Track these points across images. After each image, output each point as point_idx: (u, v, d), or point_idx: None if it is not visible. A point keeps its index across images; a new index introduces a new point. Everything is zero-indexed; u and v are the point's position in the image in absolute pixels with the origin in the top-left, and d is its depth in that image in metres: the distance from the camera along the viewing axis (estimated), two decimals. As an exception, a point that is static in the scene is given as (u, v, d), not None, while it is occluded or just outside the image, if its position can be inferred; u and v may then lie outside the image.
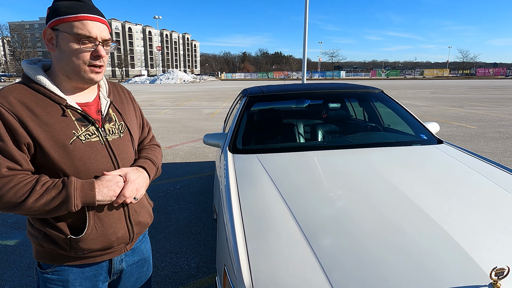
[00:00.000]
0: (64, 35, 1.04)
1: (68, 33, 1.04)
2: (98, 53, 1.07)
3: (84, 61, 1.07)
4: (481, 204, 1.53)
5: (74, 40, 1.04)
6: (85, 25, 1.04)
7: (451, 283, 1.08)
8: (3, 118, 1.00)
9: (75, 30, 1.03)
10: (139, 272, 1.36)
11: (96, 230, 1.12)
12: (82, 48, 1.05)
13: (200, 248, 3.02)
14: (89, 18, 1.05)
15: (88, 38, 1.05)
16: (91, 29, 1.05)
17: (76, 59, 1.06)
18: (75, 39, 1.04)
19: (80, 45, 1.05)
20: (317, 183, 1.78)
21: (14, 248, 3.09)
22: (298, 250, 1.28)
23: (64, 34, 1.04)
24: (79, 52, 1.05)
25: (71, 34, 1.04)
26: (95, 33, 1.06)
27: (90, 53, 1.07)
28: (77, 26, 1.04)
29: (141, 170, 1.22)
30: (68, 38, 1.04)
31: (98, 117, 1.17)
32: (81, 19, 1.04)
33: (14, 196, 0.98)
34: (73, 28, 1.03)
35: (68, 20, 1.03)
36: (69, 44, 1.04)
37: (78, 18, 1.04)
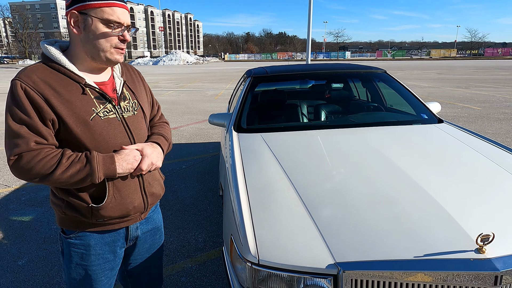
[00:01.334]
0: (94, 19, 1.11)
1: (99, 17, 1.11)
2: (125, 38, 1.16)
3: (111, 44, 1.15)
4: (473, 178, 1.61)
5: (105, 24, 1.12)
6: (115, 11, 1.12)
7: (440, 249, 1.17)
8: (29, 96, 1.08)
9: (106, 16, 1.11)
10: (152, 239, 1.47)
11: (115, 200, 1.21)
12: (112, 32, 1.13)
13: (207, 224, 3.15)
14: (118, 5, 1.13)
15: (117, 24, 1.13)
16: (120, 15, 1.13)
17: (105, 42, 1.14)
18: (105, 23, 1.12)
19: (111, 30, 1.13)
20: (318, 159, 1.86)
21: (29, 224, 3.24)
22: (299, 220, 1.37)
23: (94, 18, 1.11)
24: (108, 35, 1.13)
25: (102, 19, 1.11)
26: (123, 19, 1.14)
27: (117, 37, 1.15)
28: (107, 12, 1.11)
29: (156, 145, 1.30)
30: (98, 22, 1.11)
31: (114, 95, 1.25)
32: (111, 5, 1.11)
33: (43, 168, 1.07)
34: (104, 13, 1.11)
35: (100, 6, 1.10)
36: (99, 28, 1.12)
37: (108, 5, 1.11)
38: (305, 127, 2.47)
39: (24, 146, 1.07)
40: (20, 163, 1.07)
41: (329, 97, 3.08)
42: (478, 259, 1.11)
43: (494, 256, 1.12)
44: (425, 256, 1.14)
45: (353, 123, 2.50)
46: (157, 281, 1.58)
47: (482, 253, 1.12)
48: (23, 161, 1.07)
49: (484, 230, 1.23)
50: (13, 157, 1.08)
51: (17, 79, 1.10)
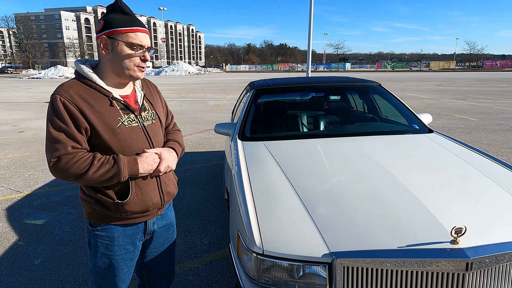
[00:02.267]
0: (120, 43, 1.33)
1: (125, 41, 1.32)
2: (146, 58, 1.38)
3: (134, 63, 1.36)
4: (455, 181, 1.80)
5: (129, 47, 1.33)
6: (138, 36, 1.34)
7: (420, 240, 1.35)
8: (67, 108, 1.28)
9: (130, 40, 1.33)
10: (166, 234, 1.65)
11: (137, 196, 1.40)
12: (135, 54, 1.35)
13: (211, 227, 3.32)
14: (141, 30, 1.35)
15: (140, 46, 1.35)
16: (142, 39, 1.35)
17: (129, 62, 1.35)
18: (129, 46, 1.33)
19: (134, 51, 1.34)
20: (316, 164, 2.05)
21: (43, 227, 3.41)
22: (298, 216, 1.56)
23: (120, 42, 1.32)
24: (132, 56, 1.34)
25: (127, 42, 1.32)
26: (145, 42, 1.36)
27: (139, 58, 1.36)
28: (132, 36, 1.33)
29: (171, 150, 1.50)
30: (123, 45, 1.33)
31: (136, 106, 1.45)
32: (135, 31, 1.34)
33: (78, 168, 1.27)
34: (129, 38, 1.33)
35: (126, 32, 1.32)
36: (124, 50, 1.33)
37: (133, 31, 1.33)
38: (305, 136, 2.67)
39: (62, 150, 1.27)
40: (59, 164, 1.27)
41: (327, 108, 3.28)
42: (452, 248, 1.29)
43: (466, 246, 1.30)
44: (408, 246, 1.32)
45: (350, 133, 2.69)
46: (170, 272, 1.75)
47: (456, 243, 1.30)
48: (62, 163, 1.26)
49: (458, 224, 1.41)
50: (53, 159, 1.27)
51: (57, 93, 1.31)
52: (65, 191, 4.42)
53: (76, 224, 3.46)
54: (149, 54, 1.42)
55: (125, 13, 1.36)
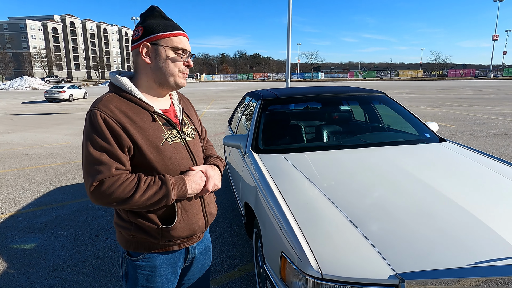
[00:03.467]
0: (164, 48, 1.22)
1: (169, 46, 1.22)
2: (190, 63, 1.28)
3: (179, 69, 1.26)
4: (492, 190, 1.79)
5: (174, 52, 1.23)
6: (182, 40, 1.25)
7: (485, 256, 1.30)
8: (108, 125, 1.14)
9: (175, 44, 1.23)
10: (204, 258, 1.51)
11: (183, 220, 1.27)
12: (179, 58, 1.24)
13: (219, 245, 3.17)
14: (183, 34, 1.26)
15: (184, 51, 1.25)
16: (185, 44, 1.26)
17: (174, 67, 1.24)
18: (174, 51, 1.23)
19: (180, 57, 1.24)
20: (348, 177, 1.98)
21: (34, 252, 3.12)
22: (350, 235, 1.47)
23: (165, 47, 1.22)
24: (177, 61, 1.24)
25: (171, 47, 1.22)
26: (188, 46, 1.27)
27: (183, 63, 1.26)
28: (176, 41, 1.23)
29: (215, 167, 1.38)
30: (169, 50, 1.22)
31: (176, 121, 1.33)
32: (179, 35, 1.24)
33: (123, 192, 1.12)
34: (174, 42, 1.22)
35: (169, 36, 1.22)
36: (170, 55, 1.23)
37: (176, 35, 1.23)
38: (323, 147, 2.60)
39: (106, 172, 1.12)
40: (102, 188, 1.12)
41: (338, 118, 3.25)
42: (522, 264, 1.25)
43: (537, 260, 1.26)
44: (476, 264, 1.26)
45: (367, 143, 2.65)
46: (205, 302, 1.61)
47: (524, 258, 1.26)
48: (105, 187, 1.12)
49: (521, 238, 1.38)
50: (95, 183, 1.12)
51: (96, 109, 1.16)
52: (53, 211, 4.11)
53: (71, 246, 3.20)
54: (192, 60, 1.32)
55: (166, 18, 1.27)
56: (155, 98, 1.31)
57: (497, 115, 11.90)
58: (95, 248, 3.16)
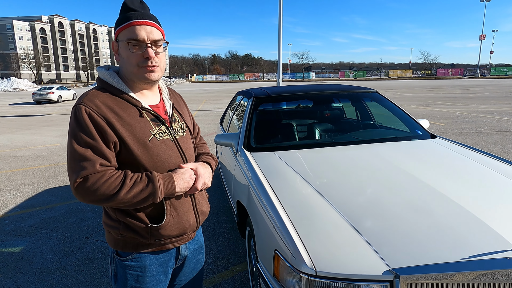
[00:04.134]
0: (121, 44, 1.17)
1: (122, 40, 1.16)
2: (147, 55, 1.15)
3: (137, 63, 1.16)
4: (484, 185, 1.79)
5: (127, 46, 1.15)
6: (132, 30, 1.14)
7: (480, 250, 1.29)
8: (93, 120, 1.11)
9: (125, 37, 1.15)
10: (196, 258, 1.48)
11: (173, 218, 1.23)
12: (132, 52, 1.15)
13: (212, 245, 3.13)
14: (135, 23, 1.14)
15: (136, 42, 1.14)
16: (138, 33, 1.14)
17: (129, 63, 1.17)
18: (127, 45, 1.15)
19: (130, 50, 1.15)
20: (342, 174, 1.97)
21: (21, 255, 3.05)
22: (345, 232, 1.45)
23: (121, 42, 1.17)
24: (131, 56, 1.16)
25: (124, 41, 1.16)
26: (142, 35, 1.14)
27: (141, 56, 1.16)
28: (126, 33, 1.15)
29: (207, 165, 1.35)
30: (123, 45, 1.17)
31: (166, 117, 1.29)
32: (129, 26, 1.15)
33: (108, 189, 1.09)
34: (125, 35, 1.15)
35: (123, 29, 1.16)
36: (124, 51, 1.17)
37: (127, 26, 1.15)
38: (316, 144, 2.59)
39: (90, 168, 1.08)
40: (86, 185, 1.08)
41: (330, 116, 3.24)
42: (517, 257, 1.24)
43: (530, 253, 1.26)
44: (470, 258, 1.26)
45: (359, 140, 2.65)
46: (198, 303, 1.57)
47: (518, 252, 1.26)
48: (89, 183, 1.08)
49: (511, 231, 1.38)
50: (79, 179, 1.08)
51: (81, 103, 1.13)
52: (41, 213, 4.02)
53: (59, 249, 3.13)
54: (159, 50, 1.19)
55: (128, 10, 1.17)
56: (144, 94, 1.27)
57: (485, 113, 12.07)
58: (85, 250, 3.10)
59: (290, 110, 3.36)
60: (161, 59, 1.22)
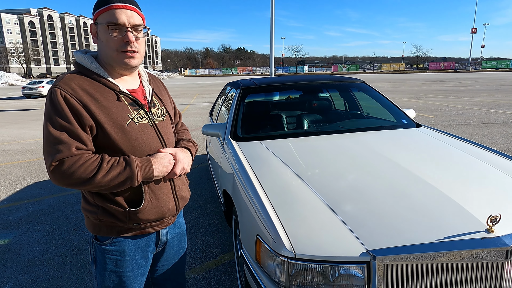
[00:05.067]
0: (100, 27, 1.15)
1: (102, 23, 1.14)
2: (127, 39, 1.14)
3: (116, 48, 1.15)
4: (463, 170, 1.82)
5: (106, 30, 1.14)
6: (112, 14, 1.12)
7: (455, 231, 1.32)
8: (69, 103, 1.10)
9: (105, 20, 1.13)
10: (178, 244, 1.49)
11: (151, 203, 1.24)
12: (111, 36, 1.14)
13: (200, 235, 3.14)
14: (117, 6, 1.13)
15: (116, 26, 1.12)
16: (119, 16, 1.12)
17: (108, 47, 1.15)
18: (106, 28, 1.13)
19: (110, 33, 1.14)
20: (325, 162, 1.98)
21: (8, 247, 3.03)
22: (324, 215, 1.47)
23: (100, 25, 1.15)
24: (110, 40, 1.14)
25: (103, 24, 1.14)
26: (123, 19, 1.13)
27: (121, 40, 1.15)
28: (106, 16, 1.13)
29: (186, 151, 1.35)
30: (102, 28, 1.15)
31: (145, 102, 1.29)
32: (109, 9, 1.13)
33: (84, 172, 1.08)
34: (104, 18, 1.13)
35: (102, 12, 1.14)
36: (104, 34, 1.15)
37: (107, 9, 1.13)
38: (301, 134, 2.60)
39: (66, 151, 1.08)
40: (62, 168, 1.08)
41: (317, 106, 3.25)
42: (490, 237, 1.27)
43: (503, 234, 1.29)
44: (445, 239, 1.28)
45: (345, 129, 2.67)
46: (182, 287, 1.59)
47: (491, 232, 1.29)
48: (65, 166, 1.08)
49: (488, 213, 1.41)
50: (54, 162, 1.08)
51: (57, 86, 1.12)
52: (29, 206, 3.99)
53: (47, 241, 3.12)
54: (140, 35, 1.18)
55: None
56: (122, 78, 1.26)
57: (475, 105, 12.21)
58: (72, 241, 3.09)
59: (278, 101, 3.36)
60: (141, 44, 1.21)
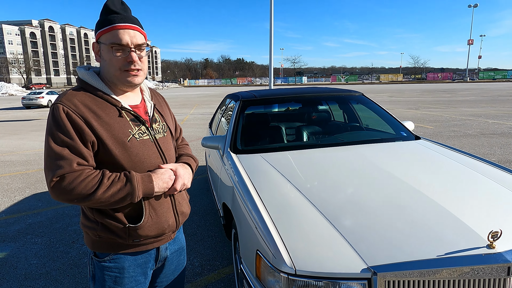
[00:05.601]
0: (103, 46, 1.17)
1: (105, 43, 1.16)
2: (131, 59, 1.17)
3: (119, 67, 1.17)
4: (463, 184, 1.82)
5: (109, 50, 1.16)
6: (115, 34, 1.15)
7: (456, 247, 1.31)
8: (71, 119, 1.11)
9: (111, 40, 1.15)
10: (177, 260, 1.47)
11: (151, 219, 1.23)
12: (114, 56, 1.16)
13: (199, 248, 3.12)
14: (119, 27, 1.15)
15: (120, 46, 1.15)
16: (122, 37, 1.14)
17: (112, 67, 1.17)
18: (109, 48, 1.16)
19: (113, 53, 1.16)
20: (324, 175, 1.98)
21: (5, 261, 2.99)
22: (324, 230, 1.47)
23: (103, 45, 1.17)
24: (114, 60, 1.16)
25: (106, 44, 1.16)
26: (126, 40, 1.15)
27: (124, 60, 1.17)
28: (109, 36, 1.15)
29: (187, 166, 1.35)
30: (105, 48, 1.17)
31: (146, 118, 1.30)
32: (113, 29, 1.15)
33: (85, 188, 1.08)
34: (107, 39, 1.15)
35: (105, 32, 1.16)
36: (107, 54, 1.17)
37: (110, 29, 1.15)
38: (301, 146, 2.60)
39: (67, 167, 1.08)
40: (63, 184, 1.08)
41: (316, 118, 3.26)
42: (491, 253, 1.27)
43: (504, 249, 1.28)
44: (446, 255, 1.28)
45: (344, 142, 2.67)
46: (180, 305, 1.57)
47: (492, 248, 1.28)
48: (66, 182, 1.08)
49: (488, 228, 1.40)
50: (55, 178, 1.08)
51: (59, 102, 1.13)
52: (27, 218, 3.96)
53: (44, 254, 3.08)
54: (142, 54, 1.20)
55: (110, 12, 1.18)
56: (124, 94, 1.27)
57: (473, 116, 12.27)
58: (70, 255, 3.06)
59: (277, 113, 3.38)
60: (144, 62, 1.24)
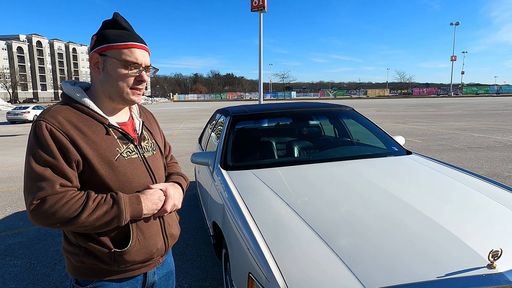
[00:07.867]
0: (112, 61, 1.12)
1: (117, 59, 1.12)
2: (142, 78, 1.16)
3: (128, 85, 1.15)
4: (459, 201, 1.79)
5: (122, 66, 1.12)
6: (133, 52, 1.13)
7: (455, 267, 1.27)
8: (55, 137, 1.04)
9: (124, 57, 1.12)
10: (165, 285, 1.39)
11: (139, 243, 1.16)
12: (129, 73, 1.13)
13: (188, 268, 3.00)
14: (137, 46, 1.15)
15: (134, 64, 1.14)
16: (138, 56, 1.14)
17: (122, 83, 1.14)
18: (123, 64, 1.12)
19: (128, 71, 1.13)
20: (317, 192, 1.93)
21: (-19, 285, 2.82)
22: (319, 251, 1.41)
23: (113, 59, 1.12)
24: (126, 76, 1.13)
25: (120, 60, 1.12)
26: (141, 60, 1.15)
27: (134, 78, 1.15)
28: (125, 53, 1.12)
29: (177, 186, 1.29)
30: (116, 63, 1.12)
31: (135, 135, 1.24)
32: (129, 47, 1.13)
33: (68, 211, 1.01)
34: (122, 54, 1.12)
35: (118, 47, 1.12)
36: (117, 69, 1.12)
37: (127, 46, 1.13)
38: (292, 162, 2.56)
39: (49, 189, 1.01)
40: (43, 207, 1.00)
41: (307, 133, 3.24)
42: (492, 274, 1.22)
43: (505, 269, 1.24)
44: (446, 276, 1.23)
45: (336, 157, 2.64)
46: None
47: (493, 268, 1.24)
48: (47, 205, 1.00)
49: (488, 247, 1.36)
50: (35, 201, 1.00)
51: (42, 119, 1.06)
52: (6, 239, 3.78)
53: (24, 277, 2.92)
54: (149, 75, 1.23)
55: (121, 27, 1.16)
56: (111, 111, 1.21)
57: (459, 130, 12.49)
58: (52, 277, 2.91)
59: (268, 128, 3.34)
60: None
